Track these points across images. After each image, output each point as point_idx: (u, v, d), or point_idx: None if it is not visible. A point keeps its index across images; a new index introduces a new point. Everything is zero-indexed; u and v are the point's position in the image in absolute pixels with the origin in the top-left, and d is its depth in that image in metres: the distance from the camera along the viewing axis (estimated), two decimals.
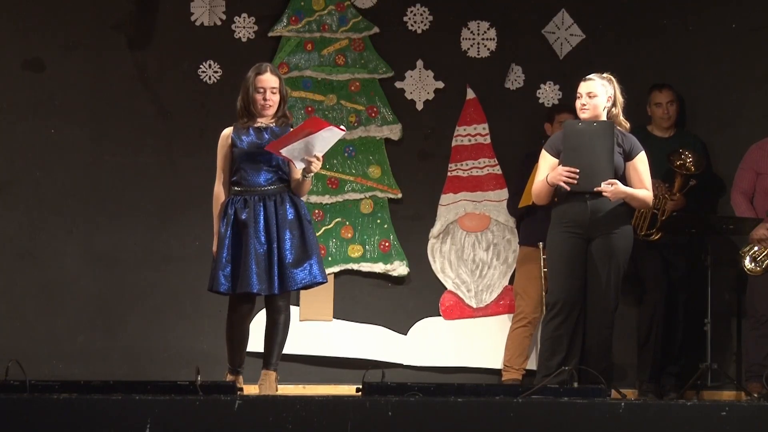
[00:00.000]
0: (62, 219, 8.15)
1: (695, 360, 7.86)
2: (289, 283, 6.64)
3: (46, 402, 5.25)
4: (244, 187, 6.70)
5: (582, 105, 7.09)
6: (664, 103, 8.08)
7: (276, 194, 6.69)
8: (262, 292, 6.62)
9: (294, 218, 6.67)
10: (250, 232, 6.61)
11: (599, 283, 7.08)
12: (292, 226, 6.66)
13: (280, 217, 6.65)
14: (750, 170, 7.94)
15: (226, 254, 6.63)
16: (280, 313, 6.73)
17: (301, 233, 6.67)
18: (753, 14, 8.29)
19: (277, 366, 6.77)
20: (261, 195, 6.68)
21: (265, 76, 6.70)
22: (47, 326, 8.12)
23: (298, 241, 6.66)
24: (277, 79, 6.72)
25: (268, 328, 6.76)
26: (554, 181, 7.04)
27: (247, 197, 6.67)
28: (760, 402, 6.21)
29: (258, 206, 6.65)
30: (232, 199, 6.70)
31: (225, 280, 6.62)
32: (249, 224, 6.62)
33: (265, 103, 6.70)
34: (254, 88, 6.68)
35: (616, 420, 5.31)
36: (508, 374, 8.05)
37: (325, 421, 5.25)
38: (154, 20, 8.21)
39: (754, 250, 7.84)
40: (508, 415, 5.30)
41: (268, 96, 6.69)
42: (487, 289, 8.28)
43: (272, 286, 6.62)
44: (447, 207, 8.30)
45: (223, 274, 6.62)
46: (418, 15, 8.29)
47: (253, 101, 6.69)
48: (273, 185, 6.70)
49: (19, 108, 8.16)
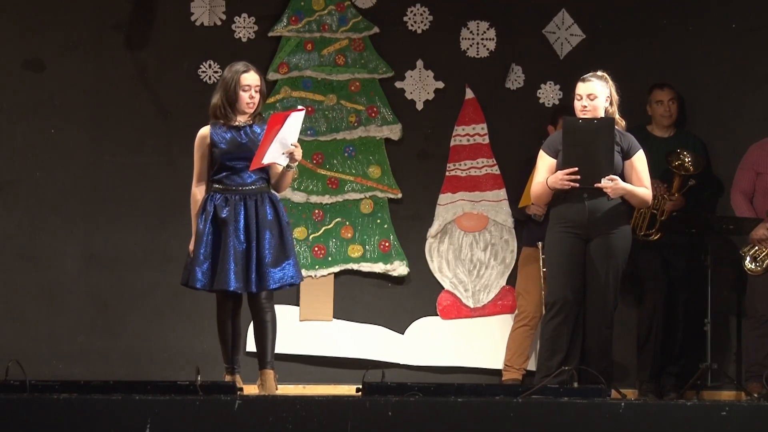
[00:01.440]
0: (62, 219, 8.15)
1: (695, 360, 7.86)
2: (266, 283, 6.67)
3: (46, 402, 5.25)
4: (226, 186, 6.73)
5: (583, 107, 7.07)
6: (665, 100, 8.08)
7: (257, 194, 6.73)
8: (238, 290, 6.66)
9: (273, 219, 6.72)
10: (230, 230, 6.65)
11: (598, 283, 7.08)
12: (272, 227, 6.70)
13: (260, 217, 6.69)
14: (750, 170, 7.94)
15: (203, 251, 6.67)
16: (266, 312, 6.76)
17: (279, 233, 6.72)
18: (753, 14, 8.29)
19: (273, 364, 6.80)
20: (242, 194, 6.71)
21: (250, 74, 6.74)
22: (47, 326, 8.12)
23: (276, 242, 6.70)
24: (260, 78, 6.77)
25: (257, 328, 6.80)
26: (554, 186, 7.03)
27: (228, 195, 6.71)
28: (760, 402, 6.21)
29: (239, 205, 6.68)
30: (212, 196, 6.72)
31: (202, 276, 6.67)
32: (229, 222, 6.65)
33: (251, 101, 6.72)
34: (240, 87, 6.70)
35: (616, 420, 5.32)
36: (508, 374, 8.05)
37: (325, 421, 5.25)
38: (154, 20, 8.21)
39: (754, 250, 7.84)
40: (508, 415, 5.31)
41: (253, 94, 6.72)
42: (484, 289, 8.28)
43: (249, 285, 6.66)
44: (445, 207, 8.30)
45: (201, 270, 6.67)
46: (418, 15, 8.29)
47: (239, 99, 6.71)
48: (254, 185, 6.73)
49: (19, 108, 8.16)
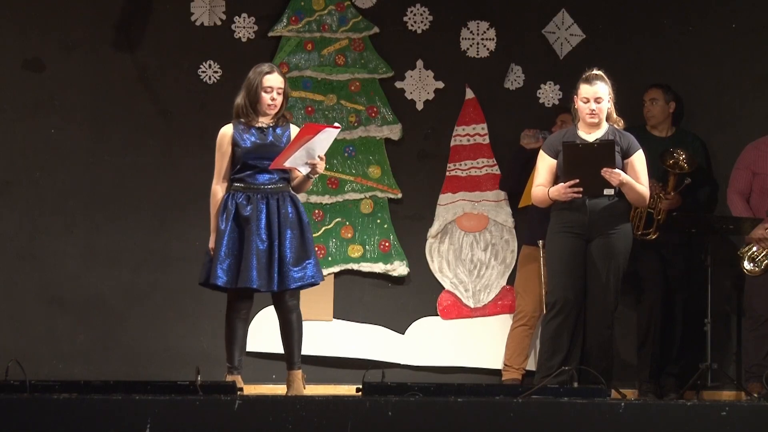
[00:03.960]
0: (62, 219, 8.15)
1: (695, 360, 7.86)
2: (287, 282, 6.68)
3: (46, 402, 5.25)
4: (247, 184, 6.74)
5: (591, 111, 7.03)
6: (646, 100, 8.10)
7: (278, 193, 6.74)
8: (261, 288, 6.66)
9: (294, 218, 6.73)
10: (252, 228, 6.65)
11: (599, 283, 7.08)
12: (293, 226, 6.71)
13: (281, 216, 6.70)
14: (746, 170, 7.95)
15: (225, 249, 6.67)
16: (292, 312, 6.79)
17: (300, 233, 6.73)
18: (753, 14, 8.29)
19: (300, 364, 6.85)
20: (264, 193, 6.72)
21: (273, 76, 6.75)
22: (47, 326, 8.12)
23: (298, 241, 6.71)
24: (283, 80, 6.79)
25: (283, 328, 6.82)
26: (556, 198, 7.02)
27: (249, 194, 6.72)
28: (760, 402, 6.21)
29: (261, 203, 6.70)
30: (233, 195, 6.73)
31: (223, 273, 6.66)
32: (251, 221, 6.66)
33: (272, 103, 6.74)
34: (262, 88, 6.72)
35: (616, 420, 5.32)
36: (508, 374, 8.05)
37: (325, 421, 5.25)
38: (154, 20, 8.21)
39: (752, 250, 7.84)
40: (508, 415, 5.31)
41: (275, 96, 6.73)
42: (484, 289, 8.28)
43: (271, 283, 6.66)
44: (445, 207, 8.30)
45: (222, 268, 6.66)
46: (418, 15, 8.29)
47: (260, 100, 6.72)
48: (275, 184, 6.74)
49: (19, 108, 8.16)
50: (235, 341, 6.81)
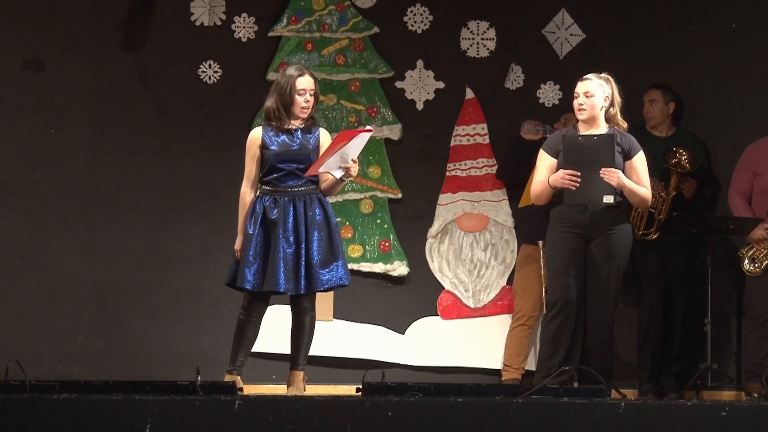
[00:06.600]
0: (62, 219, 8.15)
1: (695, 360, 7.86)
2: (315, 284, 6.70)
3: (46, 402, 5.25)
4: (275, 187, 6.74)
5: (579, 105, 7.09)
6: (645, 101, 8.10)
7: (306, 195, 6.75)
8: (288, 291, 6.67)
9: (322, 220, 6.74)
10: (279, 231, 6.66)
11: (599, 283, 7.09)
12: (321, 228, 6.72)
13: (309, 218, 6.70)
14: (747, 170, 7.95)
15: (253, 252, 6.67)
16: (306, 314, 6.80)
17: (328, 235, 6.74)
18: (753, 14, 8.29)
19: (304, 366, 6.86)
20: (291, 196, 6.73)
21: (305, 78, 6.74)
22: (47, 326, 8.12)
23: (325, 243, 6.72)
24: (314, 81, 6.78)
25: (295, 328, 6.82)
26: (555, 184, 7.04)
27: (277, 197, 6.73)
28: (760, 402, 6.21)
29: (288, 206, 6.71)
30: (261, 198, 6.75)
31: (251, 277, 6.66)
32: (278, 224, 6.67)
33: (306, 105, 6.74)
34: (295, 90, 6.71)
35: (616, 420, 5.32)
36: (507, 374, 8.05)
37: (325, 421, 5.25)
38: (154, 20, 8.21)
39: (752, 251, 7.84)
40: (508, 415, 5.30)
41: (308, 98, 6.73)
42: (484, 289, 8.28)
43: (299, 286, 6.67)
44: (445, 207, 8.30)
45: (250, 272, 6.66)
46: (418, 15, 8.29)
47: (295, 103, 6.71)
48: (303, 186, 6.75)
49: (19, 108, 8.16)
50: (243, 343, 6.81)
